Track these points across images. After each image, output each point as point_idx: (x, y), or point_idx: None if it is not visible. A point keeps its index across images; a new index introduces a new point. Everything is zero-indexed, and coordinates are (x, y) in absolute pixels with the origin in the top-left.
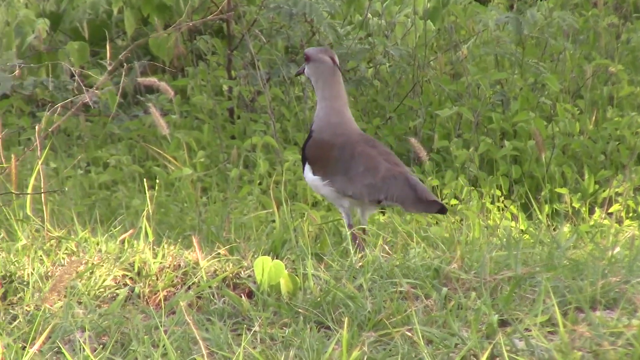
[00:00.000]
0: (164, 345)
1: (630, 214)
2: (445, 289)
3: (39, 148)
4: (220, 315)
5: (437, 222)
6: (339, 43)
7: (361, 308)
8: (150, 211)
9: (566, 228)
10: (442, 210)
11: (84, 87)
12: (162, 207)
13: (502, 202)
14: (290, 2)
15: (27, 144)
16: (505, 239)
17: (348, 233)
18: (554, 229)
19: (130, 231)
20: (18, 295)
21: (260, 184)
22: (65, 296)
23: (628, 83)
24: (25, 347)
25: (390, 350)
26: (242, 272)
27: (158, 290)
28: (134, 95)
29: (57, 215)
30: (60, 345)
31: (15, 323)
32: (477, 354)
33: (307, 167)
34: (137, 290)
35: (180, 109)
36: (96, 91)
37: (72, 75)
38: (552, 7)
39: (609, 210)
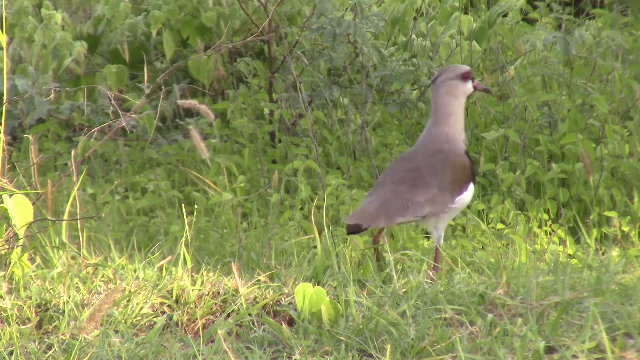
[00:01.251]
0: None
1: None
2: (490, 315)
3: (75, 173)
4: (260, 344)
5: (482, 247)
6: (382, 64)
7: (404, 335)
8: (189, 237)
9: (615, 252)
10: (350, 231)
11: (120, 111)
12: (202, 233)
13: (550, 226)
14: (333, 23)
15: (64, 169)
16: (552, 264)
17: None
18: (603, 253)
19: (169, 258)
20: (53, 324)
21: (301, 209)
22: (101, 324)
23: None
24: None
25: None
26: (283, 299)
27: (196, 318)
28: (173, 119)
29: (93, 242)
30: None
31: (51, 352)
32: None
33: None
34: (175, 318)
35: (221, 133)
36: (134, 115)
37: (110, 99)
38: (601, 27)
39: None
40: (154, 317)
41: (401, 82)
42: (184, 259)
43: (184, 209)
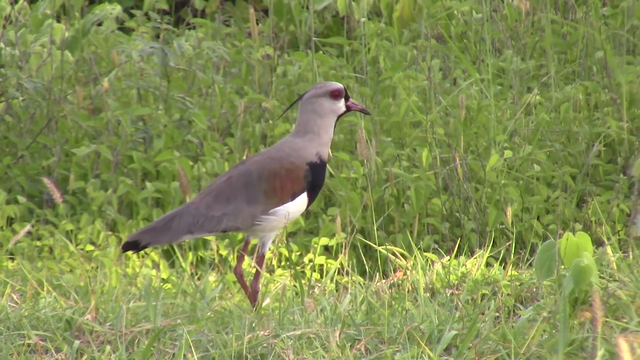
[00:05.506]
0: None
1: (282, 263)
2: (77, 342)
3: None
4: None
5: (71, 270)
6: None
7: None
8: None
9: (212, 277)
10: (126, 248)
11: None
12: None
13: None
14: None
15: None
16: (144, 289)
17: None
18: (199, 278)
19: None
20: None
21: None
22: None
23: (283, 120)
24: None
25: None
26: None
27: None
28: None
29: None
30: None
31: None
32: None
33: None
34: None
35: None
36: None
37: None
38: (202, 37)
39: None
40: None
41: None
42: None
43: None
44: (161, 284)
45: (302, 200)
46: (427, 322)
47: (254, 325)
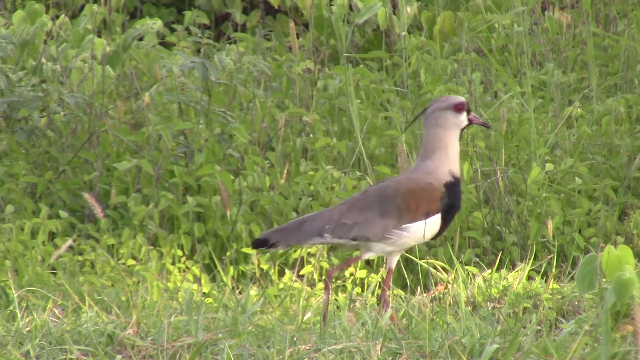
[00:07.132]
0: None
1: (323, 277)
2: (119, 357)
3: None
4: None
5: (112, 284)
6: (10, 90)
7: None
8: None
9: (253, 291)
10: (255, 245)
11: None
12: None
13: (184, 262)
14: None
15: None
16: (185, 303)
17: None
18: (240, 292)
19: None
20: None
21: None
22: None
23: (324, 134)
24: None
25: None
26: None
27: None
28: None
29: None
30: None
31: None
32: None
33: None
34: None
35: None
36: None
37: None
38: (243, 52)
39: (300, 272)
40: None
41: (30, 108)
42: None
43: None
44: (202, 298)
45: (435, 220)
46: (468, 336)
47: (295, 339)
